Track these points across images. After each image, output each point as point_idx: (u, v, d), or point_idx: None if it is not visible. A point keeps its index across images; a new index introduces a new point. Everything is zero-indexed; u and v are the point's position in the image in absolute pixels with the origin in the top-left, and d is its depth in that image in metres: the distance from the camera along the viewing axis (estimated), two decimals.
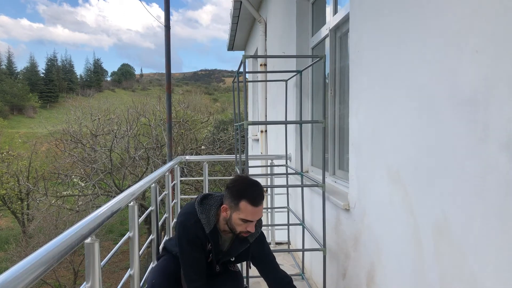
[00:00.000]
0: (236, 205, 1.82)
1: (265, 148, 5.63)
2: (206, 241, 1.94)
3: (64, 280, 15.00)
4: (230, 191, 1.87)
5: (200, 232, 1.91)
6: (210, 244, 1.96)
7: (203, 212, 1.92)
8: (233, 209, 1.84)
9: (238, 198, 1.82)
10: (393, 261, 1.68)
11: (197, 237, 1.91)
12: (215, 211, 1.92)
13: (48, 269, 1.01)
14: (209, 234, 1.91)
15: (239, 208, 1.81)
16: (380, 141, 1.78)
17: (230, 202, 1.86)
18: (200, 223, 1.90)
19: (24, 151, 24.48)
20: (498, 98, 1.05)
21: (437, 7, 1.31)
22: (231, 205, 1.85)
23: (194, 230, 1.91)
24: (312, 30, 3.46)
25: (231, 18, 7.00)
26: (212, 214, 1.91)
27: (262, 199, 1.84)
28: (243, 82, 2.53)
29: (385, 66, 1.71)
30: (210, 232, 1.90)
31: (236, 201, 1.82)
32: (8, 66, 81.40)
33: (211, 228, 1.90)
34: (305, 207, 3.14)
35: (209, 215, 1.91)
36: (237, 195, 1.82)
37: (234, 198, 1.83)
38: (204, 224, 1.90)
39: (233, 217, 1.85)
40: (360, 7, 2.01)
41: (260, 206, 1.83)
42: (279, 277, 2.05)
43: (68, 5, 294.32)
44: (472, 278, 1.15)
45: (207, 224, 1.90)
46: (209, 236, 1.92)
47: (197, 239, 1.92)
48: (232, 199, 1.84)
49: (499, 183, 1.04)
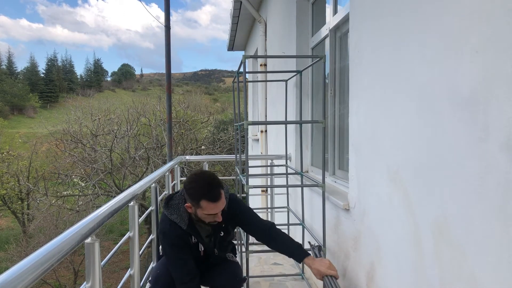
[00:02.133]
0: (198, 204, 1.89)
1: (265, 148, 5.62)
2: (188, 237, 2.01)
3: (64, 280, 15.01)
4: (188, 193, 1.92)
5: (179, 231, 1.97)
6: (193, 237, 2.02)
7: (173, 213, 1.99)
8: (196, 207, 1.91)
9: (198, 199, 1.88)
10: (393, 261, 1.68)
11: (178, 237, 1.97)
12: (183, 208, 1.99)
13: (48, 269, 1.01)
14: (187, 229, 1.97)
15: (200, 206, 1.89)
16: (380, 141, 1.78)
17: (191, 201, 1.93)
18: (175, 223, 1.97)
19: (24, 151, 24.49)
20: (498, 98, 1.05)
21: (437, 7, 1.31)
22: (193, 203, 1.92)
23: (173, 232, 1.97)
24: (312, 30, 3.46)
25: (231, 18, 7.00)
26: (182, 211, 1.98)
27: (219, 193, 1.89)
28: (243, 82, 2.53)
29: (385, 66, 1.71)
30: (188, 227, 1.97)
31: (196, 201, 1.89)
32: (8, 66, 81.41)
33: (187, 223, 1.97)
34: (305, 207, 3.14)
35: (180, 213, 1.98)
36: (196, 197, 1.89)
37: (194, 199, 1.90)
38: (179, 222, 1.97)
39: (198, 213, 1.93)
40: (360, 7, 2.01)
41: (220, 200, 1.89)
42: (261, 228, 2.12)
43: (68, 5, 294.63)
44: (472, 278, 1.15)
45: (182, 222, 1.97)
46: (188, 231, 1.98)
47: (179, 239, 1.97)
48: (192, 200, 1.91)
49: (499, 183, 1.04)
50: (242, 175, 2.95)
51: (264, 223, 2.15)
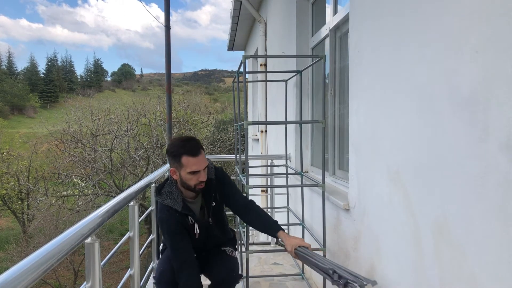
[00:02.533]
0: (179, 163, 1.93)
1: (265, 148, 5.62)
2: (186, 219, 2.03)
3: (64, 280, 15.01)
4: (170, 154, 1.99)
5: (177, 216, 2.00)
6: (190, 218, 2.05)
7: (166, 198, 2.02)
8: (179, 168, 1.95)
9: (178, 156, 1.93)
10: (393, 261, 1.68)
11: (177, 223, 2.00)
12: (175, 190, 2.02)
13: (48, 269, 1.01)
14: (183, 210, 2.00)
15: (182, 164, 1.93)
16: (380, 141, 1.78)
17: (173, 163, 1.97)
18: (171, 208, 2.00)
19: (24, 151, 24.50)
20: (498, 98, 1.05)
21: (437, 7, 1.31)
22: (176, 165, 1.96)
23: (171, 218, 1.99)
24: (312, 30, 3.46)
25: (231, 18, 7.00)
26: (174, 193, 2.02)
27: (199, 149, 1.96)
28: (243, 82, 2.53)
29: (385, 66, 1.71)
30: (182, 209, 2.00)
31: (177, 159, 1.94)
32: (8, 66, 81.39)
33: (181, 205, 2.00)
34: (305, 207, 3.14)
35: (172, 196, 2.02)
36: (176, 154, 1.94)
37: (175, 158, 1.95)
38: (173, 206, 1.99)
39: (182, 175, 1.95)
40: (360, 7, 2.01)
41: (200, 156, 1.94)
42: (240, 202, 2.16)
43: (67, 5, 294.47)
44: (472, 278, 1.15)
45: (176, 204, 2.00)
46: (184, 212, 2.01)
47: (177, 225, 2.00)
48: (174, 160, 1.96)
49: (499, 183, 1.04)
50: (242, 175, 2.95)
51: (243, 198, 2.20)
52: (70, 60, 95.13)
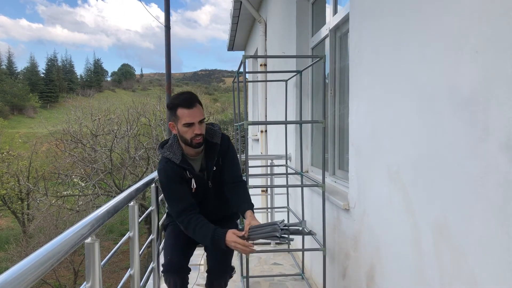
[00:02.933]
0: (176, 115, 1.98)
1: (265, 148, 5.62)
2: (183, 171, 2.06)
3: (64, 280, 15.01)
4: (168, 108, 2.05)
5: (175, 167, 2.04)
6: (188, 172, 2.07)
7: (166, 151, 2.07)
8: (176, 121, 1.99)
9: (175, 109, 1.98)
10: (393, 261, 1.68)
11: (174, 172, 2.04)
12: (176, 144, 2.08)
13: (48, 269, 1.01)
14: (180, 163, 2.04)
15: (178, 116, 1.97)
16: (380, 141, 1.78)
17: (171, 117, 2.02)
18: (170, 160, 2.05)
19: (24, 151, 24.49)
20: (498, 98, 1.05)
21: (437, 7, 1.31)
22: (173, 118, 2.01)
23: (169, 168, 2.05)
24: (312, 30, 3.46)
25: (231, 18, 7.00)
26: (175, 147, 2.07)
27: (194, 102, 1.98)
28: (243, 82, 2.54)
29: (385, 66, 1.71)
30: (181, 162, 2.04)
31: (174, 112, 1.98)
32: (8, 66, 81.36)
33: (180, 158, 2.04)
34: (305, 207, 3.14)
35: (173, 150, 2.07)
36: (173, 107, 1.99)
37: (172, 110, 1.99)
38: (172, 158, 2.04)
39: (179, 128, 1.99)
40: (360, 7, 2.01)
41: (195, 108, 1.97)
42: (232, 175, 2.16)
43: (67, 5, 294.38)
44: (472, 278, 1.15)
45: (175, 157, 2.04)
46: (182, 165, 2.04)
47: (174, 174, 2.04)
48: (172, 113, 2.00)
49: (499, 183, 1.04)
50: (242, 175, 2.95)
51: (237, 175, 2.18)
52: (70, 60, 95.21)
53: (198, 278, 3.01)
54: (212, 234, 1.89)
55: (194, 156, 2.10)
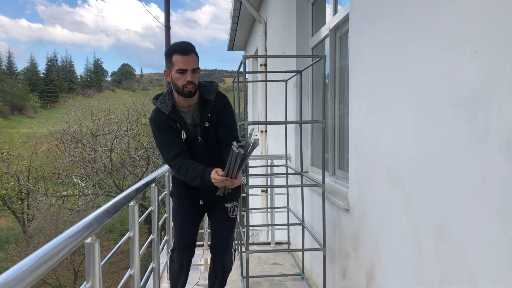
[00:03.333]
0: (171, 62, 2.02)
1: (265, 148, 5.62)
2: (171, 122, 2.10)
3: (64, 280, 15.01)
4: (165, 55, 2.09)
5: (163, 117, 2.09)
6: (177, 123, 2.11)
7: (158, 102, 2.12)
8: (170, 68, 2.03)
9: (170, 55, 2.01)
10: (393, 261, 1.68)
11: (162, 121, 2.09)
12: (168, 96, 2.12)
13: (48, 269, 1.01)
14: (169, 114, 2.08)
15: (173, 63, 2.01)
16: (380, 141, 1.78)
17: (167, 63, 2.06)
18: (160, 111, 2.10)
19: (25, 151, 24.47)
20: (498, 98, 1.05)
21: (437, 7, 1.31)
22: (168, 65, 2.05)
23: (157, 118, 2.10)
24: (312, 30, 3.47)
25: (231, 18, 7.00)
26: (166, 99, 2.11)
27: (190, 50, 2.02)
28: (243, 82, 2.54)
29: (385, 66, 1.71)
30: (170, 112, 2.08)
31: (169, 58, 2.02)
32: (8, 66, 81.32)
33: (169, 109, 2.08)
34: (305, 207, 3.14)
35: (164, 101, 2.11)
36: (169, 53, 2.03)
37: (168, 57, 2.04)
38: (162, 108, 2.08)
39: (173, 75, 2.03)
40: (360, 7, 2.01)
41: (190, 56, 2.00)
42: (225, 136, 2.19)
43: (67, 5, 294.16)
44: (472, 278, 1.15)
45: (164, 107, 2.08)
46: (171, 116, 2.08)
47: (163, 123, 2.09)
48: (167, 60, 2.05)
49: (499, 183, 1.04)
50: (242, 175, 2.95)
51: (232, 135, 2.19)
52: (70, 60, 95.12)
53: (199, 278, 3.01)
54: (202, 173, 1.98)
55: (186, 108, 2.13)
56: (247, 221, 3.06)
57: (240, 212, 3.22)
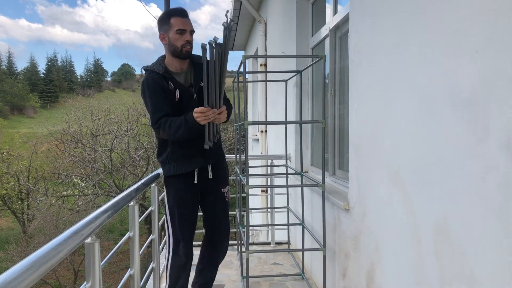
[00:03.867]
0: (168, 24, 2.10)
1: (265, 148, 5.62)
2: (164, 82, 2.15)
3: (64, 280, 15.02)
4: (159, 20, 2.17)
5: (156, 76, 2.14)
6: (171, 83, 2.16)
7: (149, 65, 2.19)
8: (168, 30, 2.11)
9: (168, 19, 2.10)
10: (393, 261, 1.68)
11: (155, 82, 2.14)
12: (159, 61, 2.20)
13: (48, 269, 1.01)
14: (163, 74, 2.15)
15: (171, 24, 2.09)
16: (380, 141, 1.78)
17: (163, 26, 2.14)
18: (153, 71, 2.16)
19: (24, 151, 24.48)
20: (498, 98, 1.05)
21: (437, 7, 1.31)
22: (165, 28, 2.12)
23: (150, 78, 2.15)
24: (312, 30, 3.46)
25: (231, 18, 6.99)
26: (159, 61, 2.19)
27: (187, 15, 2.14)
28: (243, 82, 2.54)
29: (385, 66, 1.71)
30: (163, 73, 2.15)
31: (166, 21, 2.10)
32: (8, 66, 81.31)
33: (162, 70, 2.15)
34: (305, 207, 3.14)
35: (157, 63, 2.19)
36: (166, 16, 2.11)
37: (164, 20, 2.12)
38: (155, 69, 2.15)
39: (170, 36, 2.11)
40: (360, 7, 2.01)
41: (188, 19, 2.12)
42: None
43: (67, 5, 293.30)
44: (472, 278, 1.15)
45: (157, 68, 2.16)
46: (165, 74, 2.15)
47: (155, 83, 2.14)
48: (163, 23, 2.13)
49: (499, 183, 1.04)
50: (242, 175, 2.95)
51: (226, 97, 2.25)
52: (70, 60, 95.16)
53: None
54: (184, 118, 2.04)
55: (178, 70, 2.20)
56: (247, 221, 3.05)
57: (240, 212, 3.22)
